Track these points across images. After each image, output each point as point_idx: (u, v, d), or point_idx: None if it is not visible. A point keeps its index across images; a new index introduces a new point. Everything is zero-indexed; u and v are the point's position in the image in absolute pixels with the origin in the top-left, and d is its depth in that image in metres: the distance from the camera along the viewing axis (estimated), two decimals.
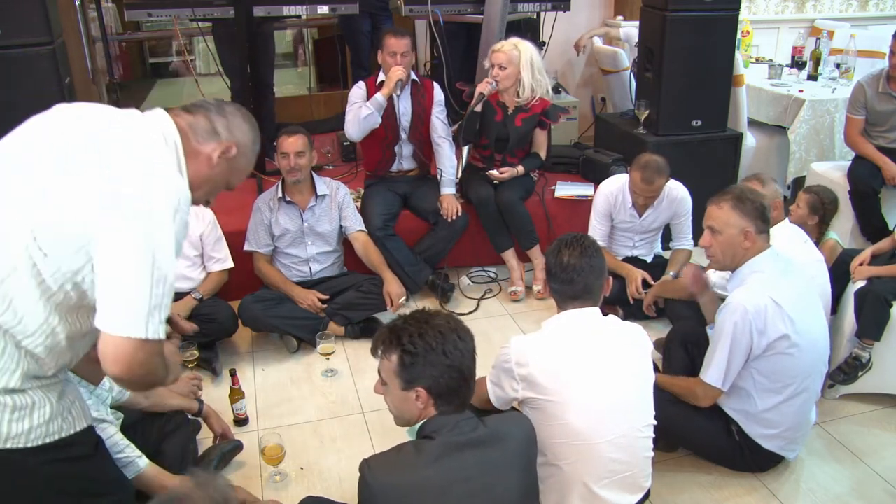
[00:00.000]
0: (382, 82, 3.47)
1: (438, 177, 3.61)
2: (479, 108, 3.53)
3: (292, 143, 3.11)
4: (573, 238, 1.99)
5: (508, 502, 1.63)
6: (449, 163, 3.64)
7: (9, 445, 1.43)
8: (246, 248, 3.29)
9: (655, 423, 2.00)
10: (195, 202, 1.54)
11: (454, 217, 3.53)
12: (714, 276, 2.69)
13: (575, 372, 1.87)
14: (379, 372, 1.70)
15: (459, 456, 1.58)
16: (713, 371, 2.26)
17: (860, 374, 2.75)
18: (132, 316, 1.33)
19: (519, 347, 1.92)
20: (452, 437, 1.60)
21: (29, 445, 1.45)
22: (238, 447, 2.52)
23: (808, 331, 2.26)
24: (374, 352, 1.69)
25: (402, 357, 1.61)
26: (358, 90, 3.54)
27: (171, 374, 1.57)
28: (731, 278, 2.34)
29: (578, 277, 1.92)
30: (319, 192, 3.27)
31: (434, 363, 1.59)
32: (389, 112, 3.48)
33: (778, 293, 2.19)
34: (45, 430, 1.47)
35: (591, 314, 1.97)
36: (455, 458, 1.57)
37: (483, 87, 3.49)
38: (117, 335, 1.33)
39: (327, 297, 3.23)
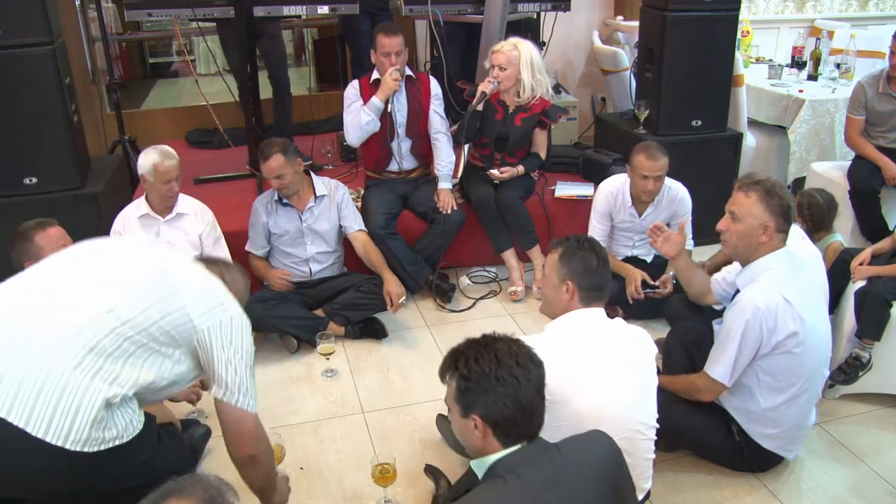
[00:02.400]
0: (376, 80, 3.48)
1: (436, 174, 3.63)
2: (480, 107, 3.53)
3: (268, 169, 3.10)
4: (588, 238, 2.03)
5: None
6: (446, 158, 3.64)
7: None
8: (247, 247, 3.30)
9: (658, 425, 2.00)
10: None
11: (450, 211, 3.54)
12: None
13: (579, 373, 1.88)
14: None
15: (540, 496, 1.45)
16: (720, 367, 2.26)
17: (860, 374, 2.75)
18: (248, 395, 1.78)
19: None
20: (529, 475, 1.47)
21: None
22: (208, 433, 2.54)
23: (815, 331, 2.26)
24: (441, 378, 1.63)
25: (458, 382, 1.54)
26: (352, 89, 3.54)
27: (279, 494, 2.02)
28: (740, 273, 2.34)
29: (605, 276, 1.98)
30: (318, 193, 3.27)
31: (487, 389, 1.50)
32: (384, 109, 3.48)
33: (789, 291, 2.19)
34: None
35: (595, 315, 1.98)
36: (536, 499, 1.45)
37: (485, 86, 3.49)
38: (246, 410, 1.77)
39: (289, 275, 3.25)
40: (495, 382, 1.50)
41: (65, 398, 1.54)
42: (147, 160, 2.96)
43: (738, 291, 2.33)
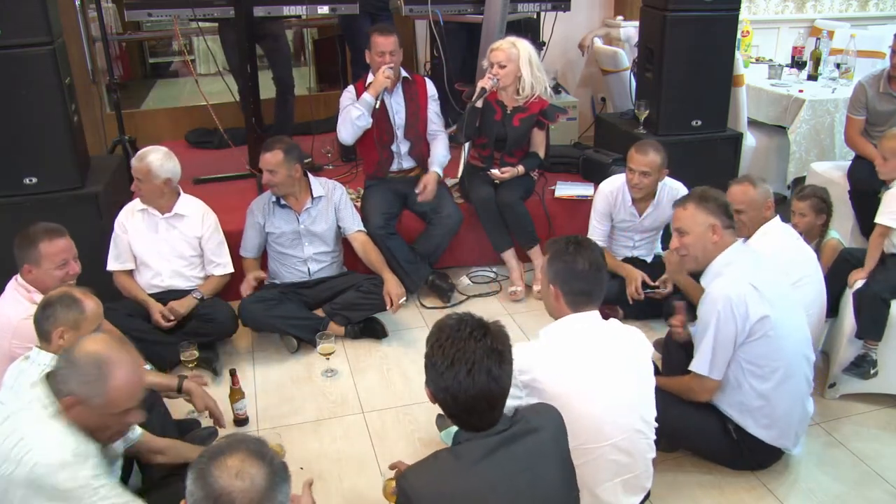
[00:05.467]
0: (371, 84, 3.47)
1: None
2: (479, 104, 3.53)
3: (264, 161, 3.11)
4: (578, 240, 2.01)
5: (552, 495, 1.62)
6: (442, 151, 3.65)
7: None
8: (240, 252, 3.31)
9: (657, 424, 2.01)
10: (104, 441, 1.75)
11: (426, 195, 3.50)
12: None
13: (577, 377, 1.88)
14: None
15: (498, 456, 1.56)
16: (699, 360, 2.29)
17: (872, 370, 2.73)
18: None
19: (521, 355, 1.92)
20: (488, 438, 1.58)
21: None
22: (214, 433, 2.52)
23: (788, 316, 2.29)
24: None
25: (425, 357, 1.63)
26: (347, 94, 3.54)
27: None
28: (704, 274, 2.37)
29: (594, 279, 1.96)
30: (315, 195, 3.27)
31: (436, 377, 1.57)
32: (382, 112, 3.48)
33: (755, 279, 2.24)
34: None
35: (590, 318, 1.98)
36: (494, 460, 1.55)
37: (485, 82, 3.49)
38: None
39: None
40: (442, 376, 1.56)
41: None
42: (175, 164, 3.06)
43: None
